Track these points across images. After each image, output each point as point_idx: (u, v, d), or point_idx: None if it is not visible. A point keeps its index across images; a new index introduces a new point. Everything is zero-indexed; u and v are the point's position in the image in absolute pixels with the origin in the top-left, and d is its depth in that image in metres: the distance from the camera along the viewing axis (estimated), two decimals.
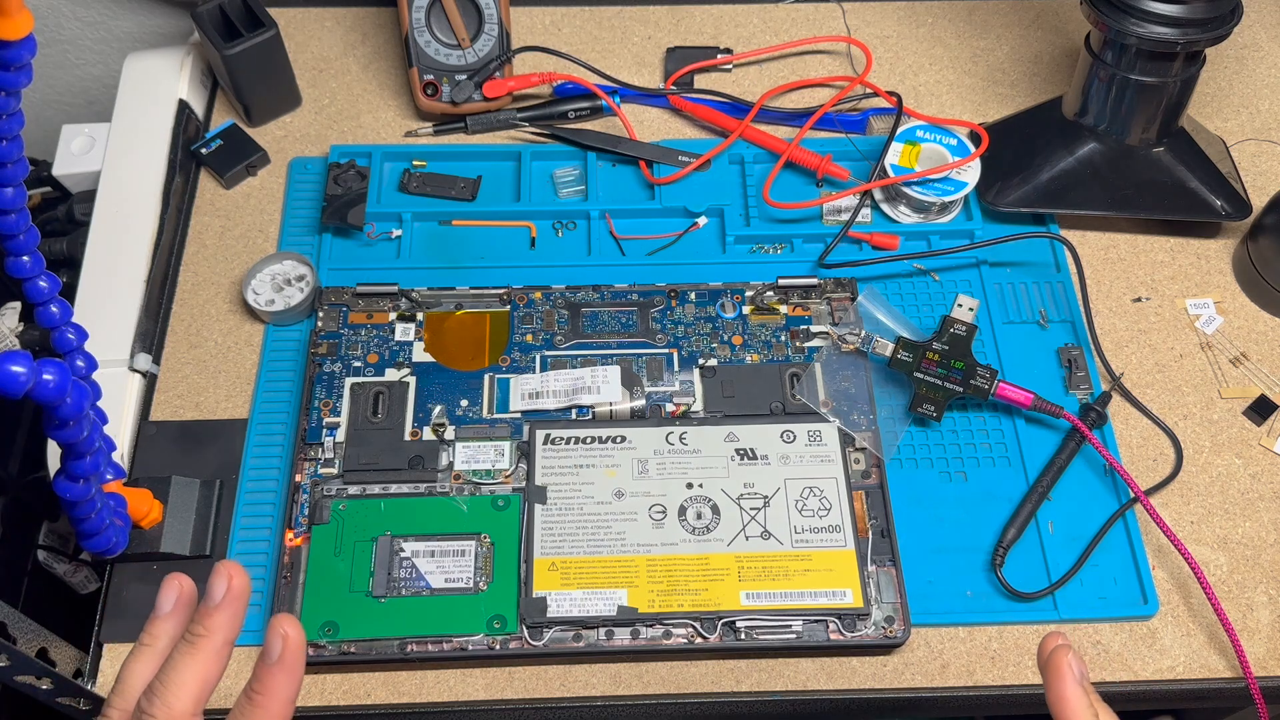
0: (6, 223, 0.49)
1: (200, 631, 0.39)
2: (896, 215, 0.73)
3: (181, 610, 0.42)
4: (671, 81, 0.80)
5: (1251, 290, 0.71)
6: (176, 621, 0.42)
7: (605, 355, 0.66)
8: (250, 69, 0.74)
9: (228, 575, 0.40)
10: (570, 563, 0.58)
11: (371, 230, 0.72)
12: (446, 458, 0.62)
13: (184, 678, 0.38)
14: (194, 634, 0.39)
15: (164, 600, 0.42)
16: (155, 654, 0.41)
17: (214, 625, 0.39)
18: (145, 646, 0.41)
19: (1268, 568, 0.61)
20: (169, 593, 0.42)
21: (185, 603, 0.42)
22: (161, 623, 0.42)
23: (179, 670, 0.39)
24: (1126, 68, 0.67)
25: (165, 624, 0.41)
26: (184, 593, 0.42)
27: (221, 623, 0.39)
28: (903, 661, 0.59)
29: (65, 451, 0.48)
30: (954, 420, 0.66)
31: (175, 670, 0.39)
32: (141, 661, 0.41)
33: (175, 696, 0.38)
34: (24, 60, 0.43)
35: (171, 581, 0.42)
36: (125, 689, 0.40)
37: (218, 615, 0.39)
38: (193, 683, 0.38)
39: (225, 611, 0.40)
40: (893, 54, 0.83)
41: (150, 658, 0.41)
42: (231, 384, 0.67)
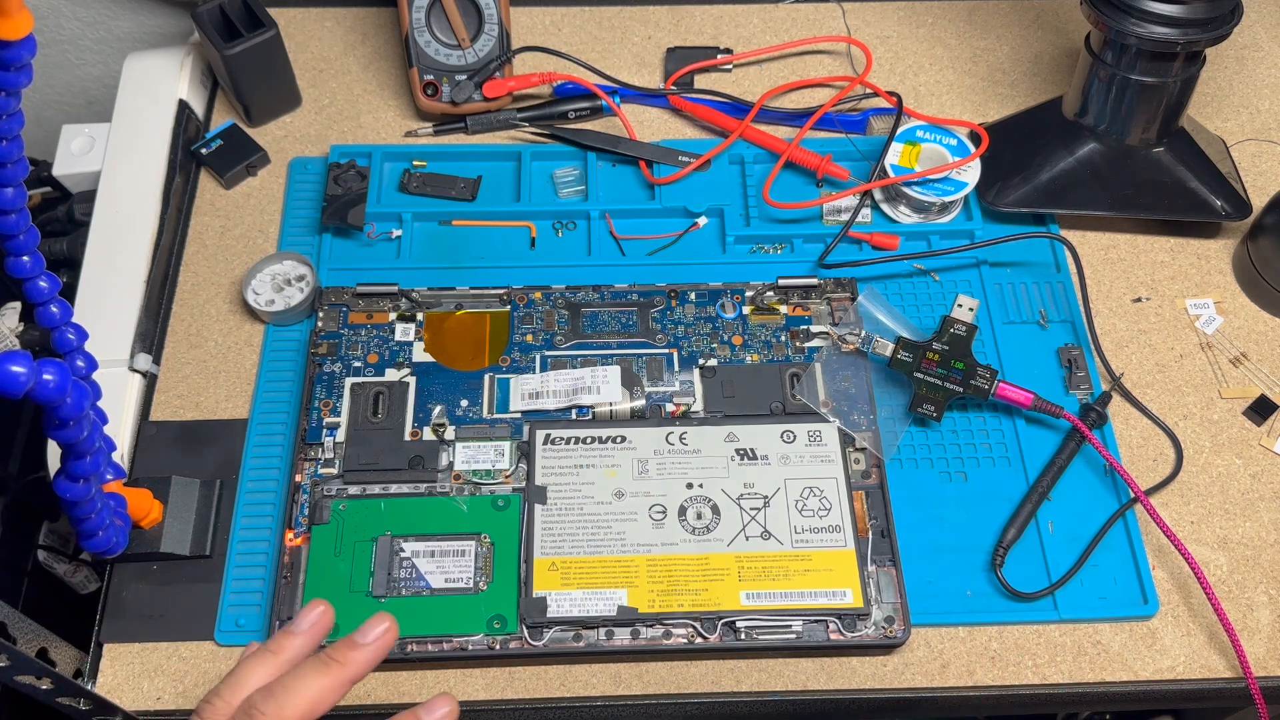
0: (6, 223, 0.49)
1: (340, 660, 0.40)
2: (896, 215, 0.73)
3: (315, 635, 0.43)
4: (671, 81, 0.80)
5: (1251, 290, 0.71)
6: (306, 642, 0.43)
7: (605, 355, 0.66)
8: (250, 69, 0.74)
9: (386, 625, 0.42)
10: (570, 563, 0.58)
11: (371, 230, 0.72)
12: (446, 458, 0.62)
13: (306, 689, 0.39)
14: (332, 657, 0.41)
15: (304, 619, 0.43)
16: (277, 663, 0.41)
17: (355, 659, 0.41)
18: (270, 653, 0.42)
19: (1268, 568, 0.61)
20: (311, 614, 0.43)
21: (320, 630, 0.43)
22: (293, 638, 0.43)
23: (305, 681, 0.40)
24: (1126, 68, 0.67)
25: (296, 640, 0.42)
26: (323, 620, 0.43)
27: (362, 660, 0.41)
28: (903, 661, 0.59)
29: (65, 451, 0.48)
30: (954, 420, 0.66)
31: (302, 680, 0.40)
32: (263, 665, 0.41)
33: (290, 704, 0.39)
34: (24, 60, 0.43)
35: (317, 605, 0.43)
36: (239, 684, 0.41)
37: (362, 653, 0.41)
38: (310, 697, 0.39)
39: (370, 652, 0.41)
40: (893, 54, 0.83)
41: (271, 664, 0.41)
42: (231, 384, 0.67)
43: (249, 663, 0.42)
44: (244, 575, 0.60)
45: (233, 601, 0.59)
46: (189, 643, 0.58)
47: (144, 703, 0.57)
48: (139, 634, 0.58)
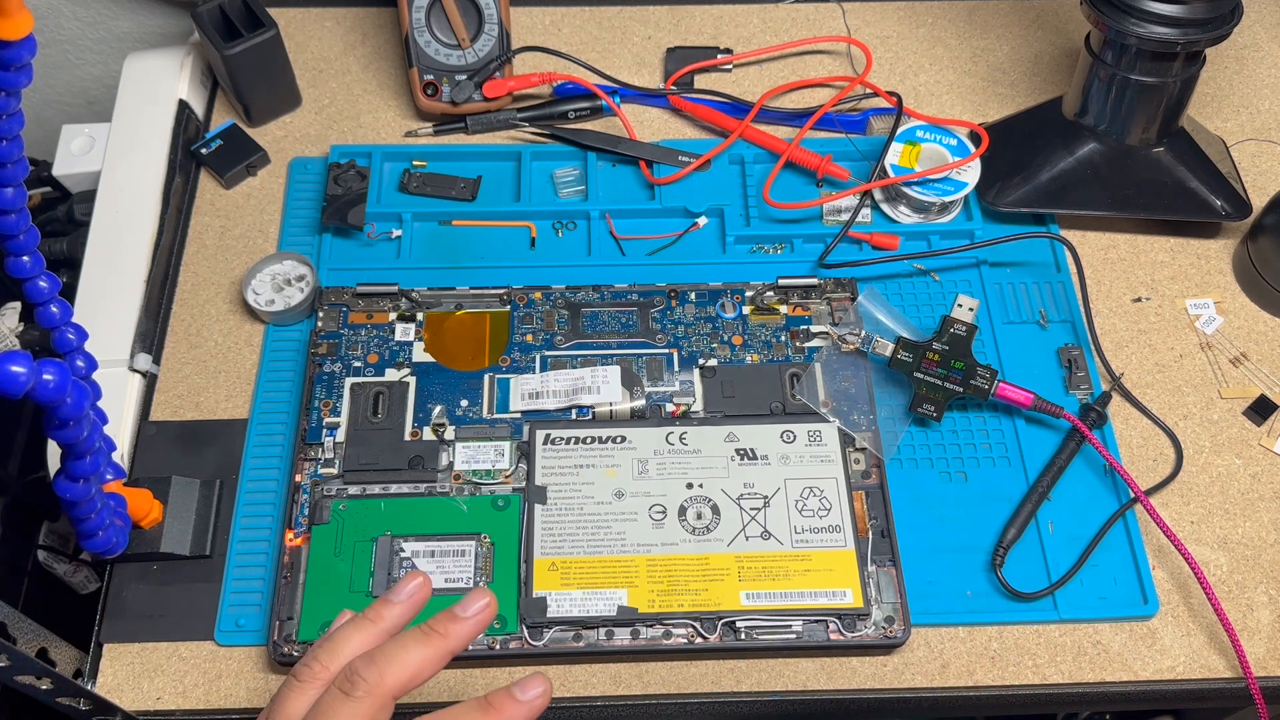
0: (6, 223, 0.49)
1: (442, 631, 0.40)
2: (896, 215, 0.73)
3: (413, 606, 0.42)
4: (671, 81, 0.80)
5: (1251, 290, 0.71)
6: (404, 611, 0.42)
7: (605, 355, 0.66)
8: (250, 69, 0.74)
9: (486, 600, 0.41)
10: (570, 563, 0.58)
11: (371, 230, 0.72)
12: (446, 458, 0.62)
13: (407, 659, 0.39)
14: (433, 629, 0.40)
15: (403, 588, 0.42)
16: (376, 631, 0.41)
17: (455, 631, 0.40)
18: (369, 621, 0.41)
19: (1268, 568, 0.61)
20: (410, 584, 0.42)
21: (418, 601, 0.42)
22: (392, 607, 0.42)
23: (407, 650, 0.39)
24: (1126, 68, 0.67)
25: (394, 610, 0.42)
26: (421, 592, 0.42)
27: (463, 633, 0.40)
28: (903, 661, 0.59)
29: (65, 451, 0.48)
30: (954, 420, 0.66)
31: (404, 649, 0.39)
32: (362, 633, 0.41)
33: (392, 672, 0.38)
34: (24, 60, 0.43)
35: (416, 576, 0.43)
36: (337, 650, 0.40)
37: (464, 625, 0.40)
38: (412, 667, 0.39)
39: (470, 626, 0.40)
40: (893, 54, 0.83)
41: (370, 632, 0.41)
42: (231, 384, 0.67)
43: (347, 629, 0.41)
44: (244, 575, 0.60)
45: (233, 601, 0.59)
46: (189, 643, 0.58)
47: (144, 703, 0.57)
48: (139, 634, 0.58)
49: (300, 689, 0.40)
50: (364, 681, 0.38)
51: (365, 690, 0.38)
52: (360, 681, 0.38)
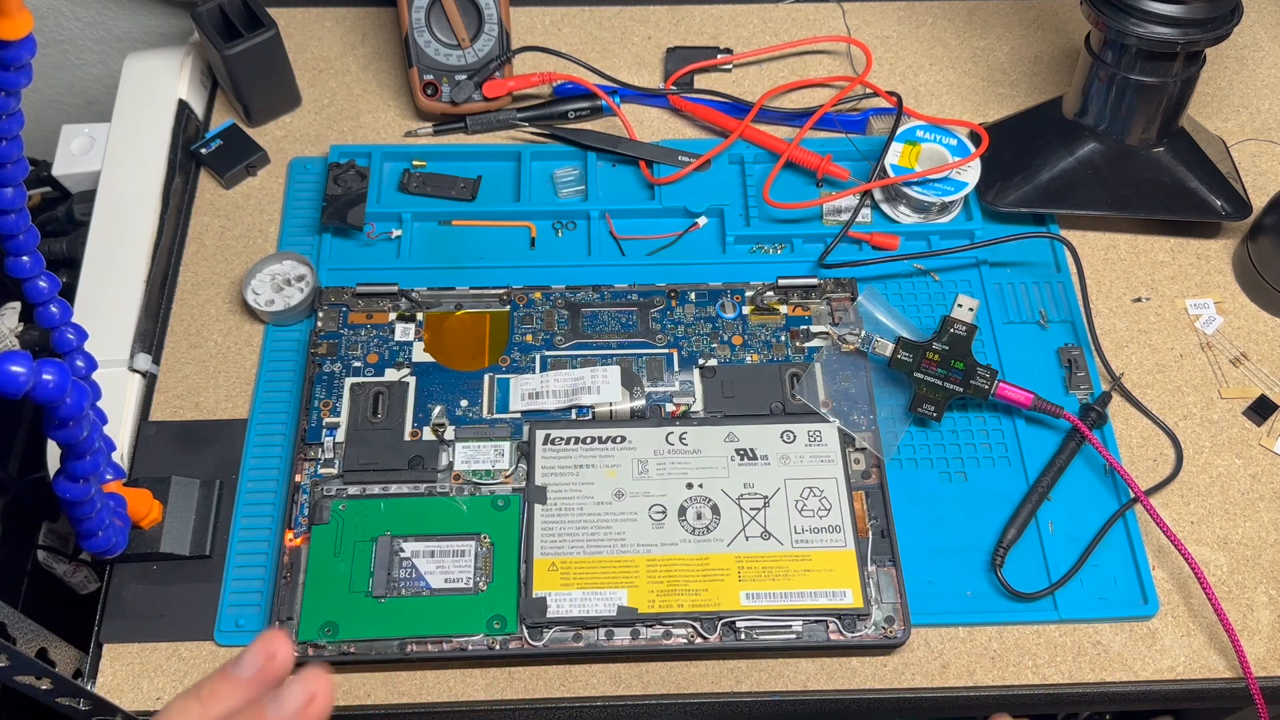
0: (6, 223, 0.49)
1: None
2: (896, 215, 0.73)
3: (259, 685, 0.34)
4: (671, 81, 0.80)
5: (1251, 290, 0.71)
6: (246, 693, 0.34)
7: (605, 355, 0.66)
8: (250, 69, 0.74)
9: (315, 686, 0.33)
10: (570, 563, 0.58)
11: (371, 230, 0.72)
12: (446, 458, 0.62)
13: None
14: None
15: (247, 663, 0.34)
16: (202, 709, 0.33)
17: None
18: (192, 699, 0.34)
19: (1268, 568, 0.61)
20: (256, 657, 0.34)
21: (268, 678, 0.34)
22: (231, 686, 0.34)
23: None
24: (1126, 68, 0.67)
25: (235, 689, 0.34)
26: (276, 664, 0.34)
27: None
28: (903, 661, 0.59)
29: (65, 451, 0.48)
30: (954, 420, 0.66)
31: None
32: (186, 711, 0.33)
33: None
34: (24, 60, 0.43)
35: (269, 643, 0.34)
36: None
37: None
38: None
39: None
40: (893, 54, 0.83)
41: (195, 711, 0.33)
42: (231, 384, 0.67)
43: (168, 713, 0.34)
44: (244, 575, 0.60)
45: (233, 601, 0.59)
46: (189, 643, 0.58)
47: (144, 703, 0.57)
48: (139, 634, 0.58)
49: None
50: None
51: None
52: None
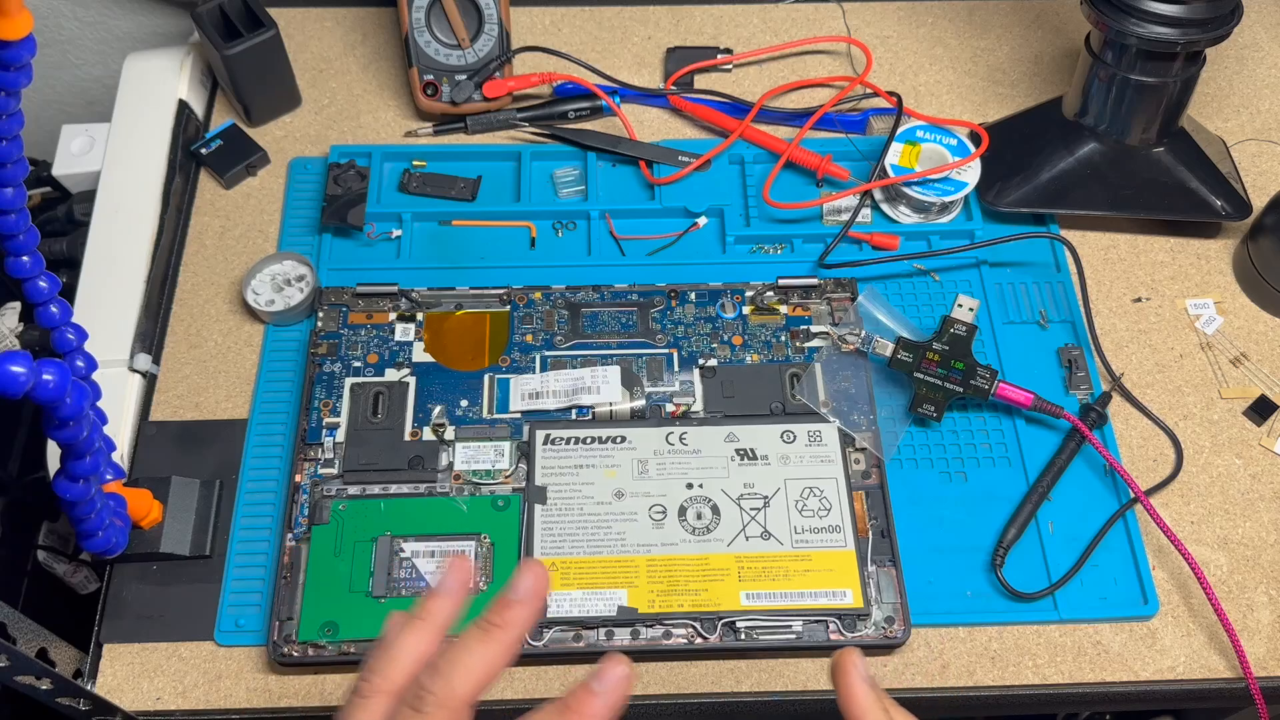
0: (6, 223, 0.49)
1: (498, 622, 0.38)
2: (896, 215, 0.73)
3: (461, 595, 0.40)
4: (671, 81, 0.80)
5: (1251, 290, 0.71)
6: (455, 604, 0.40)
7: (605, 355, 0.66)
8: (250, 69, 0.74)
9: (534, 576, 0.39)
10: (570, 563, 0.58)
11: (371, 230, 0.72)
12: (446, 458, 0.62)
13: (473, 663, 0.37)
14: (490, 622, 0.38)
15: (449, 580, 0.40)
16: (431, 631, 0.39)
17: (512, 619, 0.38)
18: (420, 621, 0.39)
19: (1268, 568, 0.61)
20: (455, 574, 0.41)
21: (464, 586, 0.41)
22: (441, 601, 0.40)
23: (470, 655, 0.37)
24: (1126, 68, 0.67)
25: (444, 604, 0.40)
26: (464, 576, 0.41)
27: (521, 618, 0.38)
28: (903, 661, 0.59)
29: (65, 451, 0.48)
30: (954, 420, 0.66)
31: (466, 654, 0.37)
32: (415, 635, 0.39)
33: (461, 680, 0.37)
34: (24, 60, 0.43)
35: (459, 563, 0.41)
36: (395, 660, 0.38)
37: (519, 610, 0.38)
38: (479, 670, 0.37)
39: (528, 609, 0.39)
40: (893, 54, 0.83)
41: (427, 634, 0.39)
42: (231, 384, 0.67)
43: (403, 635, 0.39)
44: (244, 575, 0.60)
45: (233, 601, 0.59)
46: (189, 643, 0.58)
47: (144, 703, 0.57)
48: (139, 634, 0.58)
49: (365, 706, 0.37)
50: (433, 695, 0.36)
51: (436, 703, 0.36)
52: (429, 696, 0.36)
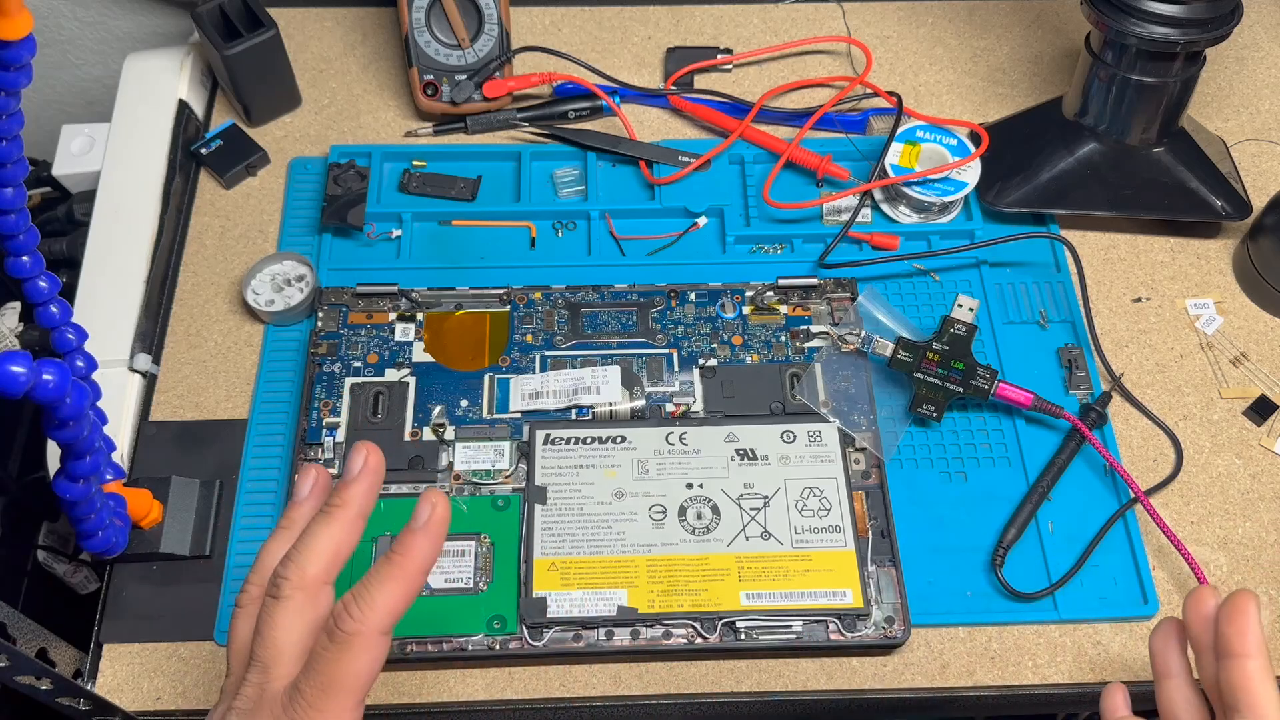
0: (6, 223, 0.49)
1: (336, 503, 0.40)
2: (896, 215, 0.73)
3: (318, 495, 0.43)
4: (671, 81, 0.80)
5: (1251, 290, 0.71)
6: (313, 505, 0.43)
7: (605, 355, 0.66)
8: (250, 69, 0.74)
9: (365, 452, 0.41)
10: (570, 563, 0.58)
11: (371, 230, 0.72)
12: (446, 458, 0.62)
13: (318, 545, 0.39)
14: (330, 505, 0.40)
15: (302, 486, 0.43)
16: (292, 535, 0.41)
17: (349, 496, 0.40)
18: (283, 529, 0.42)
19: (1268, 568, 0.61)
20: (306, 480, 0.43)
21: (321, 489, 0.43)
22: (299, 507, 0.43)
23: (314, 537, 0.40)
24: (1126, 68, 0.67)
25: (303, 508, 0.43)
26: (320, 479, 0.43)
27: (357, 493, 0.40)
28: (903, 661, 0.59)
29: (65, 451, 0.48)
30: (954, 420, 0.66)
31: (310, 537, 0.40)
32: (278, 541, 0.42)
33: (309, 561, 0.39)
34: (24, 60, 0.43)
35: (309, 470, 0.43)
36: (262, 566, 0.42)
37: (354, 487, 0.40)
38: (327, 549, 0.39)
39: (361, 484, 0.41)
40: (893, 54, 0.83)
41: (286, 539, 0.41)
42: (231, 384, 0.67)
43: (267, 544, 0.42)
44: (244, 575, 0.59)
45: (232, 602, 0.59)
46: (189, 643, 0.58)
47: (144, 703, 0.57)
48: (139, 634, 0.58)
49: (242, 614, 0.41)
50: (286, 580, 0.39)
51: (290, 587, 0.39)
52: (283, 581, 0.39)
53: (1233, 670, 0.40)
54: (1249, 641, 0.40)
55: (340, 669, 0.37)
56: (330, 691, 0.37)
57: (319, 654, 0.38)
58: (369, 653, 0.38)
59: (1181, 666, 0.45)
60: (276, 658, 0.38)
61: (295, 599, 0.39)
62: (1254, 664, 0.40)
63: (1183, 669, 0.45)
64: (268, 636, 0.39)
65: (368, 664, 0.38)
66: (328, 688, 0.37)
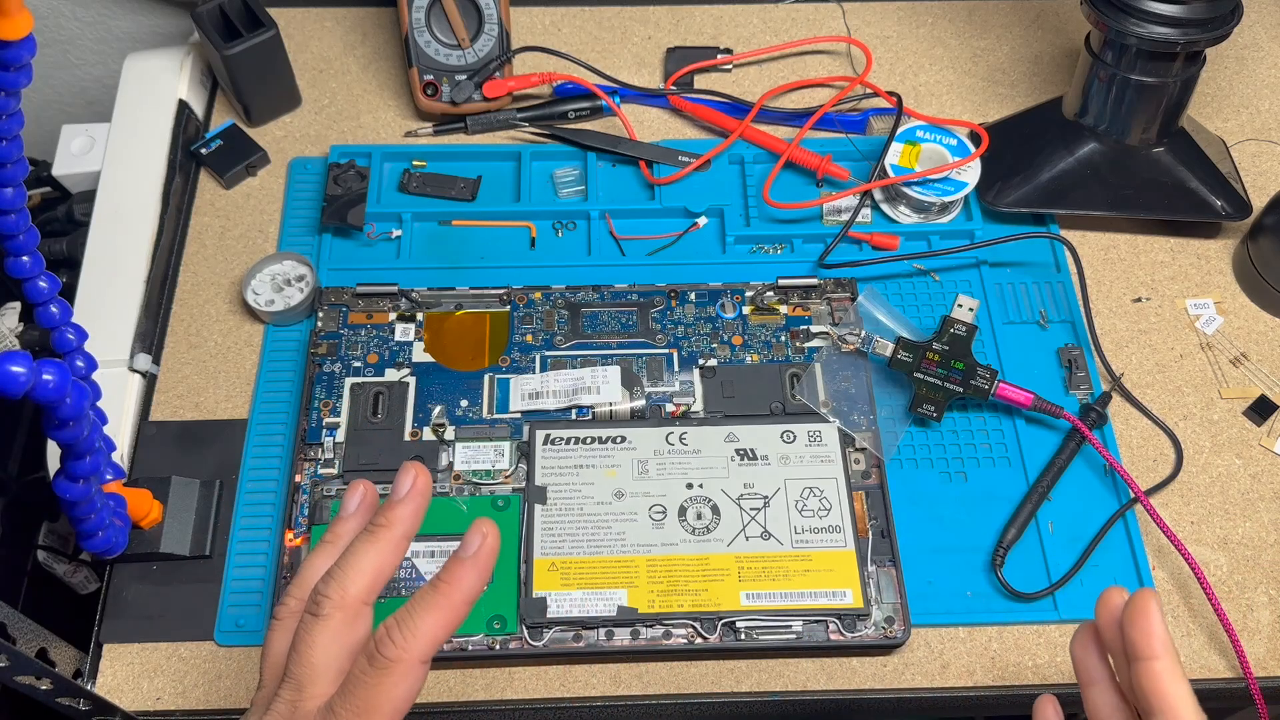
0: (6, 223, 0.49)
1: (381, 523, 0.40)
2: (896, 215, 0.73)
3: (365, 513, 0.43)
4: (671, 81, 0.80)
5: (1251, 290, 0.71)
6: (359, 522, 0.42)
7: (605, 355, 0.66)
8: (250, 69, 0.74)
9: (414, 473, 0.41)
10: (570, 563, 0.58)
11: (371, 230, 0.72)
12: (446, 458, 0.62)
13: (361, 564, 0.39)
14: (375, 524, 0.40)
15: (349, 502, 0.43)
16: (336, 550, 0.41)
17: (395, 517, 0.40)
18: (327, 544, 0.42)
19: (1268, 568, 0.61)
20: (354, 496, 0.43)
21: (369, 505, 0.43)
22: (345, 523, 0.43)
23: (357, 556, 0.39)
24: (1126, 68, 0.67)
25: (349, 524, 0.42)
26: (368, 496, 0.43)
27: (403, 515, 0.40)
28: (903, 661, 0.59)
29: (65, 451, 0.48)
30: (954, 420, 0.66)
31: (354, 556, 0.39)
32: (322, 556, 0.42)
33: (351, 581, 0.39)
34: (24, 60, 0.43)
35: (357, 486, 0.43)
36: (304, 580, 0.42)
37: (400, 509, 0.40)
38: (369, 569, 0.39)
39: (408, 506, 0.40)
40: (893, 54, 0.83)
41: (331, 554, 0.41)
42: (231, 384, 0.67)
43: (311, 558, 0.42)
44: (244, 575, 0.60)
45: (232, 602, 0.59)
46: (189, 643, 0.58)
47: (144, 703, 0.57)
48: (139, 634, 0.58)
49: (280, 627, 0.41)
50: (327, 598, 0.39)
51: (331, 605, 0.39)
52: (324, 599, 0.39)
53: (1142, 674, 0.40)
54: (1154, 643, 0.40)
55: (379, 695, 0.37)
56: (366, 716, 0.37)
57: (358, 678, 0.37)
58: (408, 680, 0.38)
59: (1104, 672, 0.44)
60: (313, 677, 0.38)
61: (335, 618, 0.39)
62: (1161, 665, 0.39)
63: (1105, 674, 0.44)
64: (305, 655, 0.38)
65: (406, 691, 0.38)
66: (363, 712, 0.37)
